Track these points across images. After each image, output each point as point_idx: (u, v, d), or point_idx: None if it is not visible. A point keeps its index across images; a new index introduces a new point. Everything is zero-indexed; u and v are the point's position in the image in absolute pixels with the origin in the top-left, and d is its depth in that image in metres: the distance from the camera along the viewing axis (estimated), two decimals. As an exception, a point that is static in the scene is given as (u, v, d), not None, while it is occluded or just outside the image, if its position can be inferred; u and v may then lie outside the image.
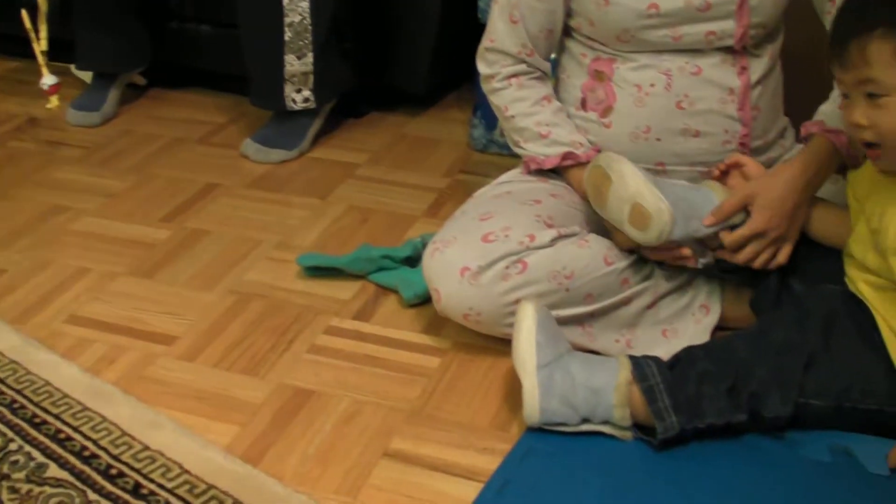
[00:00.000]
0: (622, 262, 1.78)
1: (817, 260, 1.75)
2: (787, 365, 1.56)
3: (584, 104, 1.89)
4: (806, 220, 1.76)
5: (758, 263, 1.76)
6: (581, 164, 1.85)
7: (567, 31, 1.92)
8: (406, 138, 2.71)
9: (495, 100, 1.93)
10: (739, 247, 1.74)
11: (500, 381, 1.73)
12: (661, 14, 1.76)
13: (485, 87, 1.95)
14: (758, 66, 1.84)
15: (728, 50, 1.81)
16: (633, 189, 1.69)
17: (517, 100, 1.90)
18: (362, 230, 2.23)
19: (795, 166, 1.73)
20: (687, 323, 1.85)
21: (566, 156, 1.86)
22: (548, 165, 1.88)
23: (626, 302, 1.79)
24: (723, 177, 1.81)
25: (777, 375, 1.55)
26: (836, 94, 1.79)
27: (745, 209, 1.73)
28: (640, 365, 1.57)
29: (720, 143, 1.84)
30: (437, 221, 2.16)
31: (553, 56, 1.95)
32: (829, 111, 1.80)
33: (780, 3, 1.82)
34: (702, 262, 1.79)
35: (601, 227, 1.84)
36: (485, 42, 1.93)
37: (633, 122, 1.84)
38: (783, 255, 1.76)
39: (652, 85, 1.82)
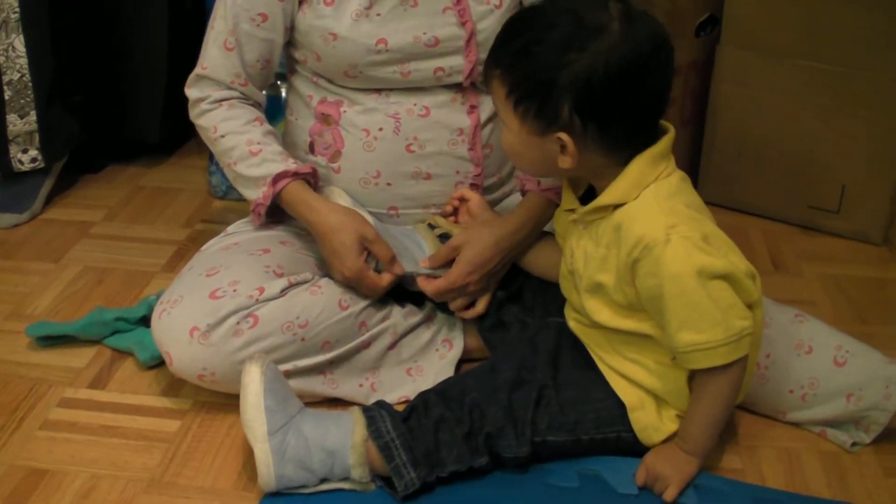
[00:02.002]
0: (358, 305, 1.76)
1: (546, 292, 1.78)
2: (518, 403, 1.56)
3: (312, 148, 1.87)
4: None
5: (453, 307, 1.81)
6: (296, 178, 1.78)
7: (293, 69, 1.89)
8: (144, 190, 2.62)
9: (203, 122, 1.84)
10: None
11: (242, 440, 1.67)
12: (389, 49, 1.75)
13: (193, 112, 1.86)
14: (488, 105, 1.84)
15: (457, 87, 1.82)
16: None
17: (228, 118, 1.82)
18: (98, 292, 2.15)
19: (508, 225, 1.76)
20: (431, 359, 1.84)
21: (278, 177, 1.77)
22: (267, 201, 1.78)
23: (366, 345, 1.77)
24: (453, 214, 1.82)
25: (509, 415, 1.55)
26: None
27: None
28: (375, 420, 1.55)
29: (453, 184, 1.84)
30: (175, 276, 2.09)
31: (284, 96, 1.92)
32: None
33: None
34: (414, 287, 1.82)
35: None
36: (197, 69, 1.84)
37: (363, 168, 1.82)
38: (481, 306, 1.80)
39: (380, 129, 1.80)
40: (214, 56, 1.81)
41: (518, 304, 1.82)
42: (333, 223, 1.74)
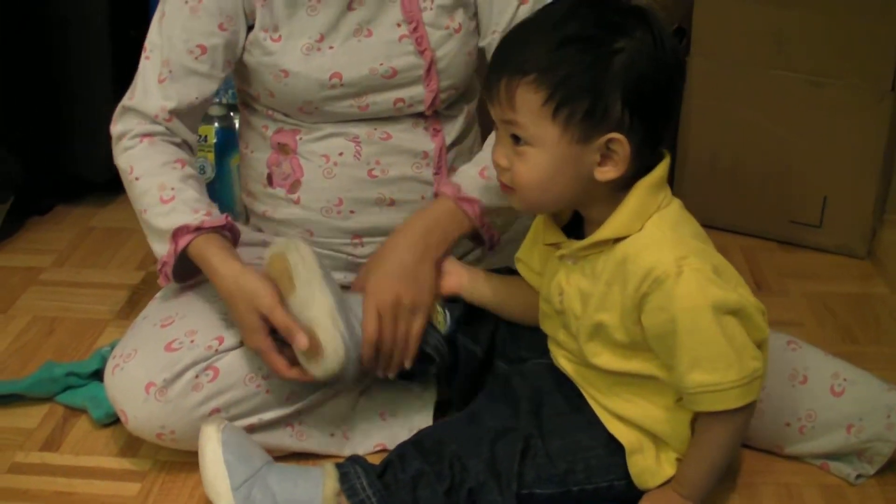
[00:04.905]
0: (325, 352, 1.64)
1: (520, 334, 1.65)
2: (502, 455, 1.46)
3: (270, 180, 1.76)
4: (483, 295, 1.65)
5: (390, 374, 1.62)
6: (204, 232, 1.56)
7: (246, 103, 1.79)
8: (94, 231, 2.49)
9: (122, 162, 1.65)
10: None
11: (206, 501, 1.56)
12: (344, 84, 1.66)
13: (115, 151, 1.68)
14: (452, 127, 1.76)
15: (419, 115, 1.72)
16: (314, 313, 1.49)
17: (144, 158, 1.63)
18: (49, 343, 2.02)
19: (407, 239, 1.61)
20: (408, 400, 1.73)
21: (179, 231, 1.54)
22: (171, 259, 1.56)
23: (335, 394, 1.66)
24: None
25: (493, 467, 1.45)
26: (485, 155, 1.66)
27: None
28: (349, 477, 1.45)
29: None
30: (130, 324, 1.98)
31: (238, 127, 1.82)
32: (473, 174, 1.67)
33: (470, 63, 1.75)
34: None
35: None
36: (124, 100, 1.68)
37: (324, 196, 1.72)
38: (416, 328, 1.60)
39: (340, 154, 1.71)
40: (146, 87, 1.66)
41: (490, 349, 1.67)
42: (231, 290, 1.53)
